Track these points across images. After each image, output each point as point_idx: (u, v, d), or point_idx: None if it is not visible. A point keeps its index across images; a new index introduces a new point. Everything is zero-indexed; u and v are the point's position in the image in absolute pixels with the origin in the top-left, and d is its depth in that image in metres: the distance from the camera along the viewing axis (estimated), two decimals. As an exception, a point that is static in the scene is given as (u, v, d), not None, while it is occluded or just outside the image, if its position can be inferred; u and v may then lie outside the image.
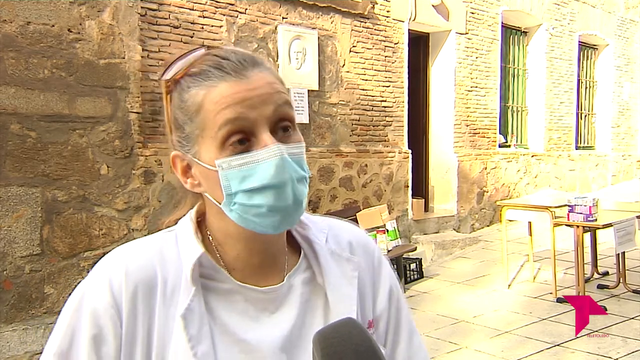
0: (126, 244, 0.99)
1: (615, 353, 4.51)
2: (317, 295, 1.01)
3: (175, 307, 0.91)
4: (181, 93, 0.93)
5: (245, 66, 0.91)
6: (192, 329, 0.90)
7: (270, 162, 0.87)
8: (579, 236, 5.62)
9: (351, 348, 0.72)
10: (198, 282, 0.93)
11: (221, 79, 0.90)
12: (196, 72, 0.92)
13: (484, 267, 7.22)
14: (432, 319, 5.47)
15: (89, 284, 0.93)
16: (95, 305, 0.90)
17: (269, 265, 0.99)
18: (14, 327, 4.48)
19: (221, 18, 5.93)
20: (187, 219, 1.00)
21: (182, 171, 0.96)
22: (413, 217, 8.10)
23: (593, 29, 11.60)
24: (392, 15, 7.76)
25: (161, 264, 0.94)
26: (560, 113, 10.96)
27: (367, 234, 1.14)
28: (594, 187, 11.77)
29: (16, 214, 4.50)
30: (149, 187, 5.29)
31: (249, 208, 0.89)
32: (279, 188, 0.88)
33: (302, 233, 1.04)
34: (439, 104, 8.95)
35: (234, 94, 0.88)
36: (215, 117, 0.88)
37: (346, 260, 1.03)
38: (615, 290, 6.04)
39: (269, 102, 0.90)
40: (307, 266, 1.02)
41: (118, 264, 0.93)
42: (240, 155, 0.88)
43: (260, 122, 0.89)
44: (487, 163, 9.35)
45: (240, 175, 0.88)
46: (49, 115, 4.67)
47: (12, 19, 4.49)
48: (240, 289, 0.96)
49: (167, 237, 0.99)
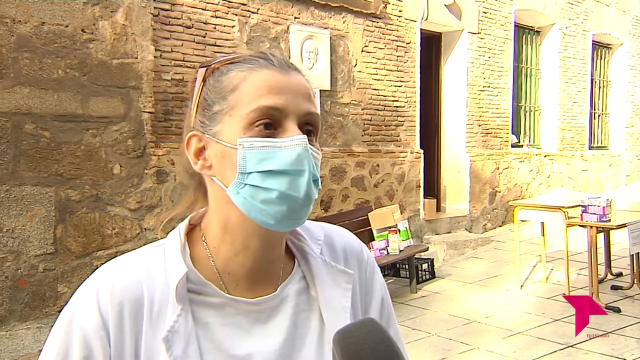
0: (114, 260, 0.97)
1: (630, 354, 4.47)
2: (311, 307, 1.00)
3: (162, 326, 0.90)
4: (219, 76, 0.95)
5: (289, 65, 0.94)
6: (176, 350, 0.88)
7: (294, 149, 0.88)
8: (592, 237, 5.58)
9: (370, 347, 0.72)
10: (185, 300, 0.91)
11: (264, 67, 0.92)
12: (240, 60, 0.94)
13: (496, 267, 7.18)
14: (444, 319, 5.45)
15: (77, 304, 0.93)
16: (84, 327, 0.89)
17: (264, 271, 0.98)
18: (28, 325, 4.52)
19: (233, 18, 5.95)
20: (176, 232, 0.99)
21: (195, 152, 0.95)
22: (425, 217, 8.08)
23: (607, 28, 11.52)
24: (405, 15, 7.74)
25: (148, 282, 0.92)
26: (574, 113, 10.89)
27: (360, 242, 1.13)
28: (608, 187, 11.68)
29: (30, 213, 4.54)
30: (161, 187, 5.31)
31: (259, 191, 0.88)
32: (295, 176, 0.88)
33: (297, 244, 1.04)
34: (451, 104, 8.92)
35: (275, 81, 0.91)
36: (251, 100, 0.89)
37: (340, 272, 1.03)
38: (629, 292, 5.99)
39: (304, 102, 0.92)
40: (301, 276, 1.02)
41: (104, 283, 0.92)
42: (265, 138, 0.89)
43: (291, 115, 0.90)
44: (500, 163, 9.30)
45: (260, 157, 0.88)
46: (62, 115, 4.71)
47: (27, 20, 4.52)
48: (231, 301, 0.95)
49: (155, 252, 0.97)
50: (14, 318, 4.47)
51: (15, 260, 4.46)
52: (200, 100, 0.96)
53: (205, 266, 0.96)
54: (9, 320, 4.44)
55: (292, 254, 1.04)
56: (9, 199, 4.44)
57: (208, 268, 0.96)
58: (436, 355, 4.65)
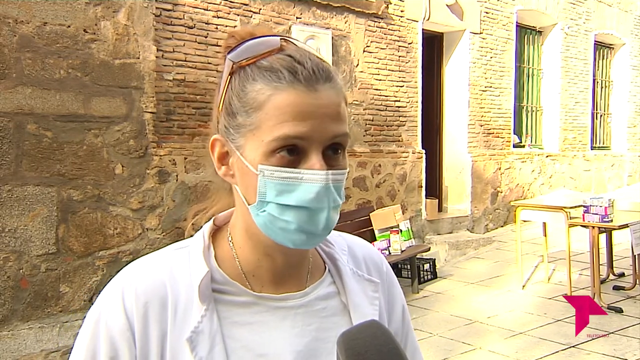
0: (137, 260, 0.97)
1: (632, 355, 4.47)
2: (341, 312, 1.00)
3: (187, 327, 0.89)
4: (244, 81, 0.89)
5: (318, 78, 0.87)
6: (201, 351, 0.88)
7: (314, 185, 0.85)
8: (594, 237, 5.57)
9: (375, 349, 0.72)
10: (210, 300, 0.91)
11: (290, 85, 0.85)
12: (267, 67, 0.87)
13: (498, 267, 7.18)
14: (446, 320, 5.45)
15: (103, 305, 0.92)
16: (110, 328, 0.89)
17: (290, 273, 0.98)
18: (30, 325, 4.52)
19: (235, 18, 5.95)
20: (201, 233, 0.98)
21: (219, 157, 0.93)
22: (427, 218, 8.07)
23: (609, 28, 11.50)
24: (406, 15, 7.74)
25: (172, 283, 0.92)
26: (576, 113, 10.88)
27: (379, 253, 1.14)
28: (610, 187, 11.66)
29: (32, 213, 4.54)
30: (163, 187, 5.32)
31: (277, 220, 0.87)
32: (314, 213, 0.86)
33: (327, 250, 1.04)
34: (453, 104, 8.91)
35: (299, 105, 0.85)
36: (274, 126, 0.85)
37: (367, 281, 1.03)
38: (631, 292, 5.99)
39: (330, 126, 0.87)
40: (331, 282, 1.02)
41: (129, 284, 0.92)
42: (287, 168, 0.85)
43: (315, 143, 0.86)
44: (502, 163, 9.30)
45: (280, 188, 0.85)
46: (64, 115, 4.71)
47: (29, 20, 4.53)
48: (257, 299, 0.94)
49: (180, 254, 0.96)
50: (16, 318, 4.47)
51: (17, 260, 4.46)
52: (225, 99, 0.92)
53: (231, 266, 0.96)
54: (11, 320, 4.44)
55: (320, 261, 1.04)
56: (11, 199, 4.45)
57: (234, 268, 0.96)
58: (438, 355, 4.65)
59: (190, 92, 5.55)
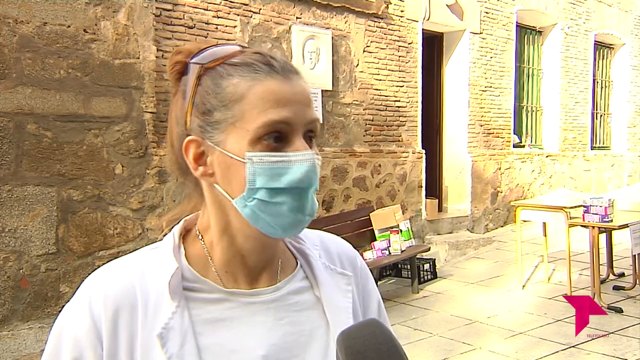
0: (107, 264, 0.98)
1: (632, 355, 4.47)
2: (314, 306, 1.01)
3: (158, 324, 0.90)
4: (218, 79, 0.92)
5: (290, 69, 0.92)
6: (172, 347, 0.88)
7: (303, 165, 0.88)
8: (594, 237, 5.57)
9: (374, 347, 0.73)
10: (181, 297, 0.92)
11: (268, 75, 0.90)
12: (240, 63, 0.91)
13: (498, 267, 7.18)
14: (446, 320, 5.45)
15: (71, 309, 0.94)
16: (75, 331, 0.91)
17: (262, 269, 0.99)
18: (30, 325, 4.52)
19: (235, 18, 5.95)
20: (171, 235, 0.99)
21: (195, 158, 0.94)
22: (427, 218, 8.07)
23: (609, 28, 11.50)
24: (406, 15, 7.74)
25: (142, 284, 0.92)
26: (576, 113, 10.88)
27: (353, 249, 1.15)
28: (610, 187, 11.66)
29: (32, 213, 4.54)
30: (163, 187, 5.32)
31: (268, 205, 0.88)
32: (303, 193, 0.89)
33: (297, 246, 1.05)
34: (453, 104, 8.91)
35: (281, 93, 0.89)
36: (259, 113, 0.88)
37: (340, 275, 1.05)
38: (631, 292, 5.99)
39: (307, 111, 0.92)
40: (303, 277, 1.03)
41: (97, 288, 0.93)
42: (275, 153, 0.88)
43: (297, 127, 0.90)
44: (502, 163, 9.30)
45: (270, 172, 0.88)
46: (64, 115, 4.71)
47: (29, 20, 4.53)
48: (228, 295, 0.95)
49: (151, 254, 0.97)
50: (16, 318, 4.47)
51: (17, 260, 4.46)
52: (195, 101, 0.94)
53: (203, 264, 0.97)
54: (11, 320, 4.44)
55: (291, 257, 1.05)
56: (11, 199, 4.45)
57: (206, 266, 0.97)
58: (438, 355, 4.65)
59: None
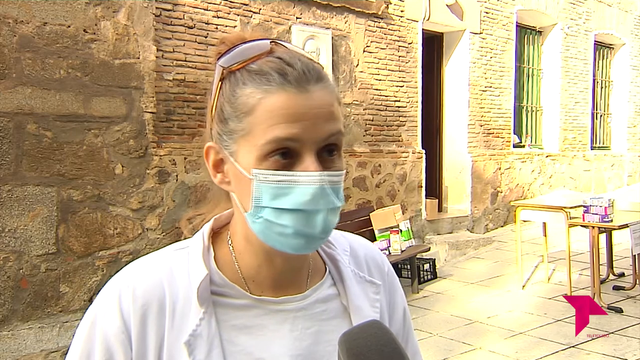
0: (137, 261, 0.96)
1: (632, 355, 4.47)
2: (342, 314, 0.98)
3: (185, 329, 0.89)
4: (235, 86, 0.88)
5: (308, 79, 0.86)
6: (199, 354, 0.87)
7: (309, 187, 0.83)
8: (594, 237, 5.57)
9: (376, 349, 0.72)
10: (209, 302, 0.90)
11: (280, 87, 0.84)
12: (256, 70, 0.86)
13: (498, 267, 7.18)
14: (446, 320, 5.45)
15: (99, 307, 0.92)
16: (106, 331, 0.89)
17: (291, 278, 0.97)
18: (30, 325, 4.52)
19: (235, 18, 5.95)
20: (200, 235, 0.97)
21: (214, 164, 0.92)
22: (427, 218, 8.07)
23: (609, 28, 11.50)
24: (406, 15, 7.74)
25: (170, 284, 0.91)
26: (576, 113, 10.88)
27: (380, 253, 1.12)
28: (610, 187, 11.66)
29: (32, 213, 4.54)
30: (163, 187, 5.32)
31: (274, 225, 0.85)
32: (310, 215, 0.84)
33: (328, 252, 1.03)
34: (453, 104, 8.91)
35: (290, 108, 0.83)
36: (266, 129, 0.83)
37: (368, 283, 1.02)
38: (631, 292, 5.99)
39: (323, 126, 0.85)
40: (331, 283, 1.00)
41: (126, 286, 0.91)
42: (281, 171, 0.84)
43: (308, 145, 0.84)
44: (502, 163, 9.30)
45: (274, 192, 0.84)
46: (64, 115, 4.71)
47: (29, 20, 4.53)
48: (256, 302, 0.93)
49: (179, 255, 0.95)
50: (16, 318, 4.47)
51: (17, 260, 4.46)
52: (217, 105, 0.91)
53: (230, 269, 0.95)
54: (11, 320, 4.44)
55: (321, 262, 1.02)
56: (11, 199, 4.45)
57: (233, 271, 0.95)
58: (438, 355, 4.65)
59: (190, 92, 5.55)
